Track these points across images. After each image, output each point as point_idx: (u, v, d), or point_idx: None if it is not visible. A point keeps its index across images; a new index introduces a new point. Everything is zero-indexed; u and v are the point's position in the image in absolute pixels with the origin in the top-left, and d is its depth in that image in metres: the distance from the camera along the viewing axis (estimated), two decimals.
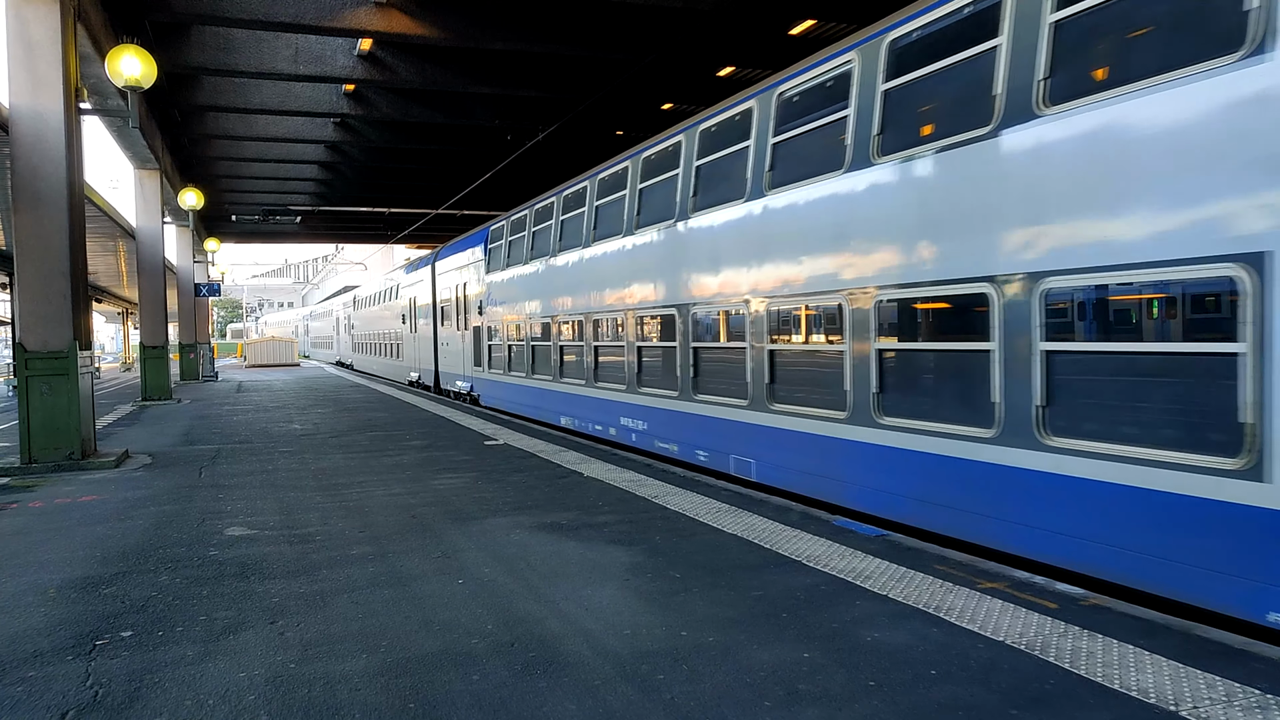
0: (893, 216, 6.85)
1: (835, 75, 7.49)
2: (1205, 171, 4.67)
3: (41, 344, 10.16)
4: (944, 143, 6.37)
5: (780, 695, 3.62)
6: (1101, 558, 5.19)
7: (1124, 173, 5.07)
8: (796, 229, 8.14)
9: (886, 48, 6.93)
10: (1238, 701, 3.46)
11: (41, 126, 10.17)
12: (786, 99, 8.24)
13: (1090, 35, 5.40)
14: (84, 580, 5.55)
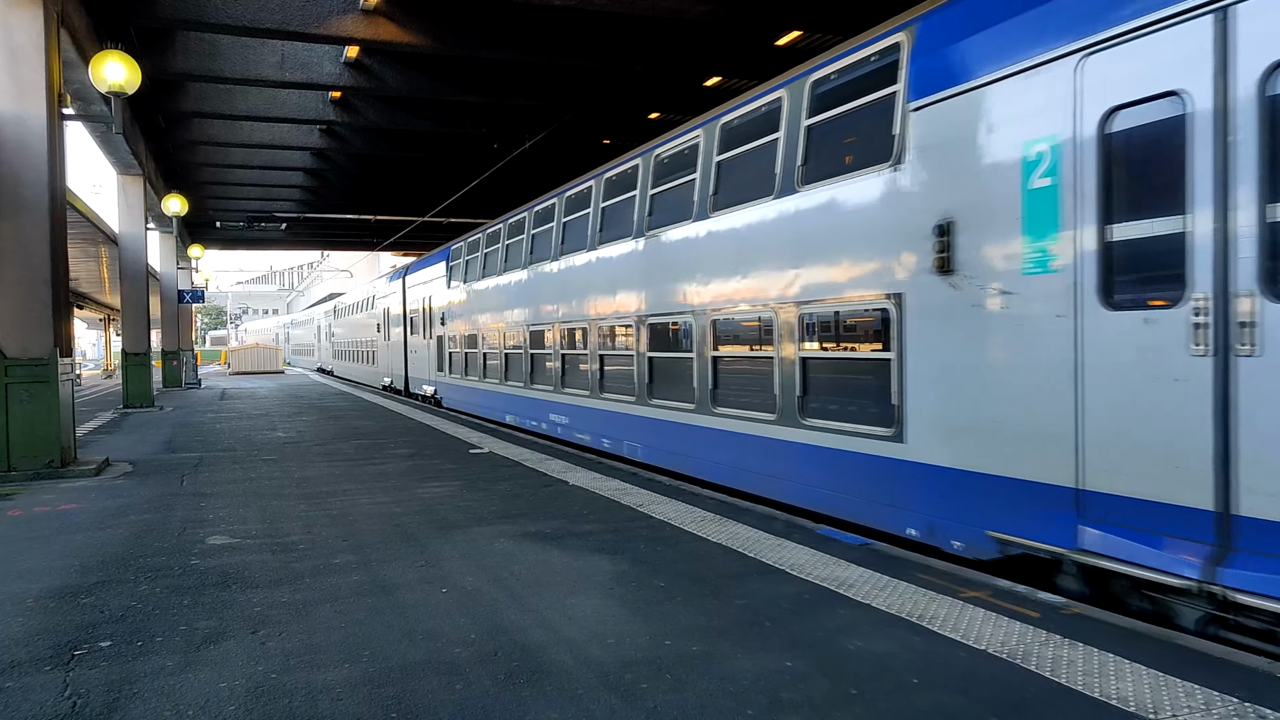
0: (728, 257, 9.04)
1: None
2: (873, 236, 6.93)
3: (22, 351, 10.08)
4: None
5: (763, 704, 3.62)
6: (828, 499, 7.47)
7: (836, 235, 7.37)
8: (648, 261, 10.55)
9: (720, 127, 9.22)
10: (1216, 710, 3.49)
11: (24, 132, 10.11)
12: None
13: (823, 138, 7.65)
14: (62, 590, 5.50)
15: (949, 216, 6.17)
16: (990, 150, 5.90)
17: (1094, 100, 5.16)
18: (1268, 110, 4.37)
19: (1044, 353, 5.41)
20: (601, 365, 12.08)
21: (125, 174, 21.01)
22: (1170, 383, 4.72)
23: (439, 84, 17.68)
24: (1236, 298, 4.44)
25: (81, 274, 33.86)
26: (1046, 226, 5.43)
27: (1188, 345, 4.63)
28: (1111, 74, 5.07)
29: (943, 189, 6.26)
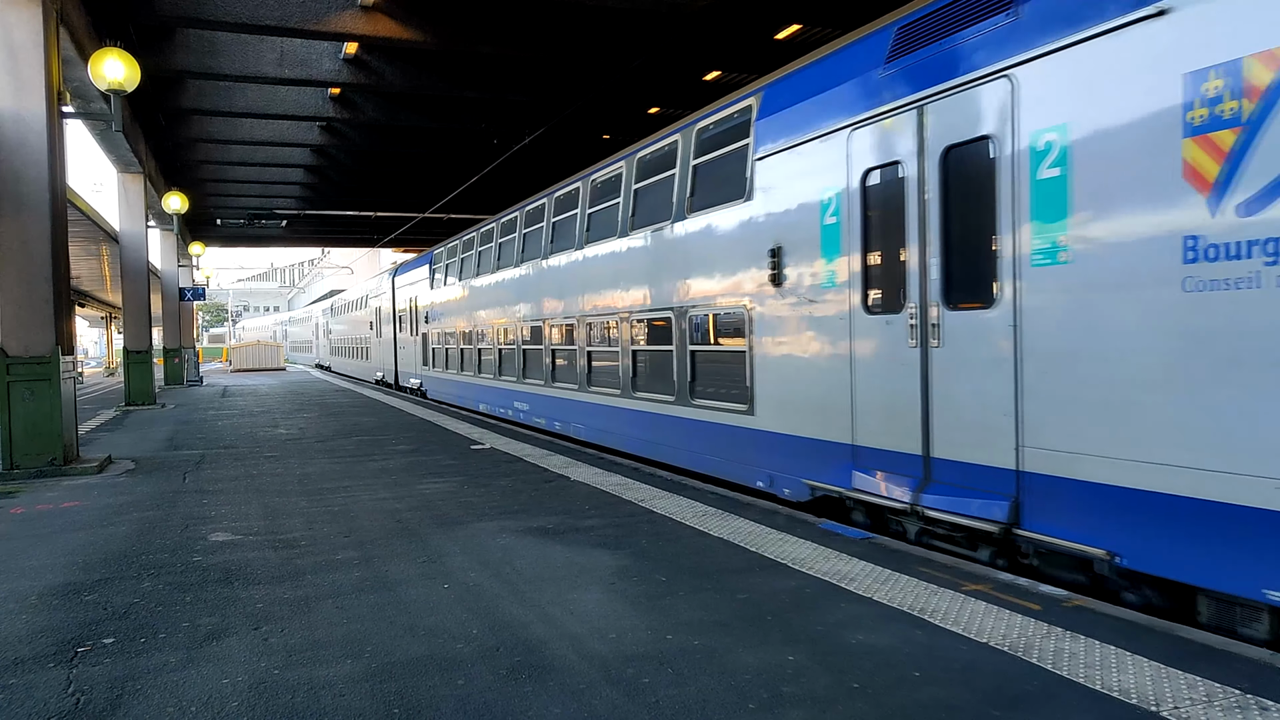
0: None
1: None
2: (735, 256, 8.70)
3: (24, 349, 10.09)
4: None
5: (765, 698, 3.63)
6: (709, 463, 9.33)
7: (712, 253, 9.25)
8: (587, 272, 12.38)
9: (637, 160, 11.04)
10: (1218, 702, 3.49)
11: (24, 130, 10.11)
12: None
13: (704, 176, 9.46)
14: (66, 587, 5.51)
15: (779, 242, 8.03)
16: (802, 194, 7.72)
17: (856, 163, 7.01)
18: (945, 178, 6.17)
19: (833, 346, 7.29)
20: (553, 359, 13.97)
21: (125, 172, 21.00)
22: (900, 366, 6.53)
23: (438, 80, 17.67)
24: (930, 307, 6.25)
25: (83, 272, 33.86)
26: (834, 253, 7.28)
27: (907, 340, 6.46)
28: (865, 145, 6.91)
29: (775, 221, 8.11)
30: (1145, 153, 4.87)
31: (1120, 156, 5.02)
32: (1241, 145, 4.39)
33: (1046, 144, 5.45)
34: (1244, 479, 4.35)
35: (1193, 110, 4.62)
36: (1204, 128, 4.57)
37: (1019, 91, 5.64)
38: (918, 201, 6.39)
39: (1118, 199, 5.01)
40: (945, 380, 6.12)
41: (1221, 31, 4.53)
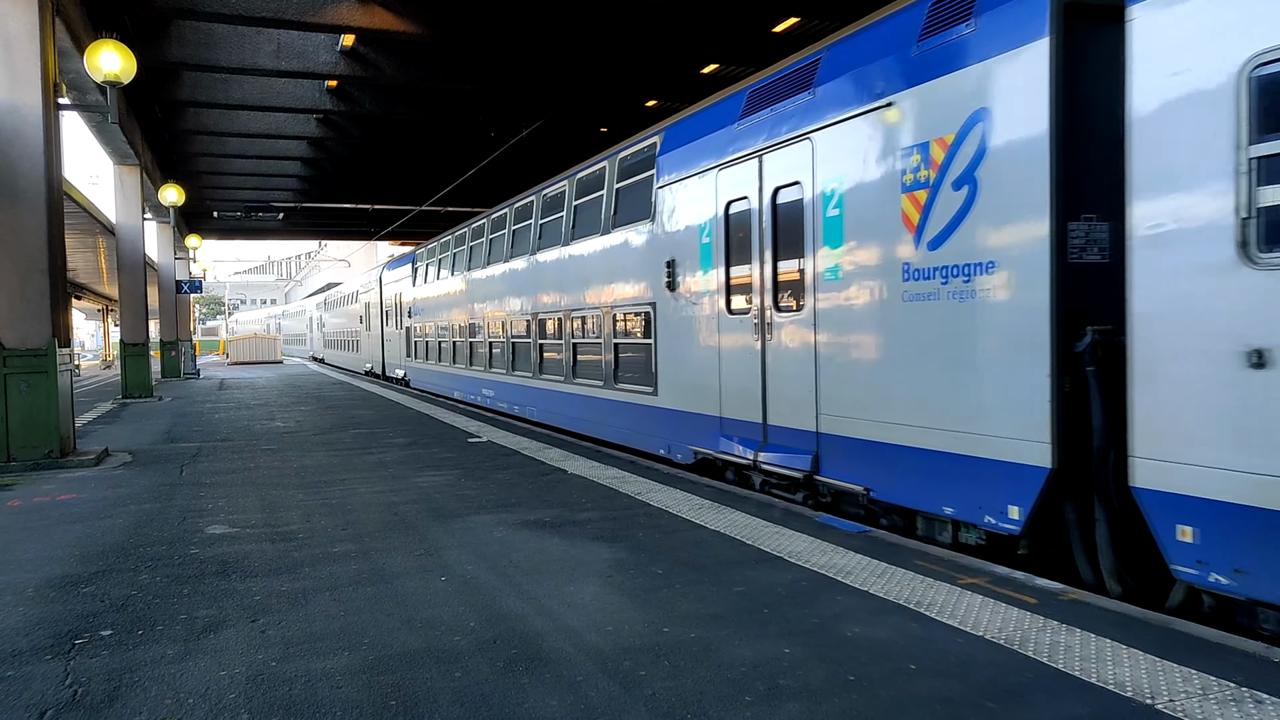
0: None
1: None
2: (644, 265, 10.42)
3: (20, 341, 10.07)
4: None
5: (761, 690, 3.64)
6: (625, 436, 11.20)
7: (628, 262, 10.95)
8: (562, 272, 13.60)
9: (576, 180, 12.88)
10: (1213, 694, 3.51)
11: (19, 122, 10.07)
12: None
13: (623, 197, 11.19)
14: (63, 579, 5.51)
15: (673, 256, 9.85)
16: (688, 218, 9.55)
17: (722, 196, 8.82)
18: (774, 212, 8.01)
19: (708, 340, 9.13)
20: (512, 352, 15.81)
21: (122, 164, 20.95)
22: (748, 355, 8.37)
23: (435, 72, 17.62)
24: (766, 310, 8.11)
25: (79, 264, 33.78)
26: (709, 266, 9.11)
27: (753, 335, 8.30)
28: (728, 182, 8.74)
29: (670, 239, 9.91)
30: (882, 201, 6.67)
31: (870, 203, 6.82)
32: (929, 202, 6.21)
33: (832, 190, 7.22)
34: (935, 431, 6.20)
35: (905, 175, 6.42)
36: (910, 188, 6.39)
37: (815, 151, 7.44)
38: (758, 229, 8.27)
39: (868, 234, 6.83)
40: (775, 365, 8.05)
41: (917, 120, 6.39)
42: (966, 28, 6.05)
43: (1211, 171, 4.48)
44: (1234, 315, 4.36)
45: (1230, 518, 4.38)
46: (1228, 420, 4.40)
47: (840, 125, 7.15)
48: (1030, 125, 5.52)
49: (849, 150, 7.04)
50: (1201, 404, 4.51)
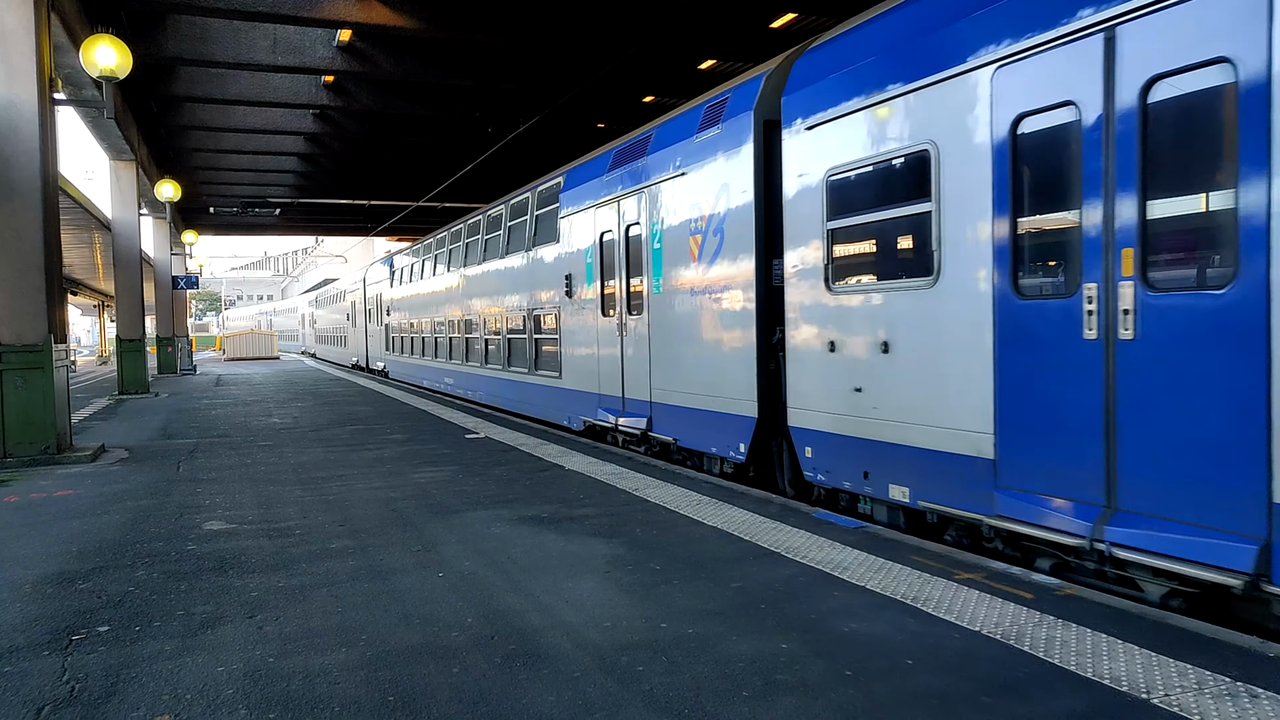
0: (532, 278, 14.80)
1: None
2: (555, 276, 13.03)
3: (16, 337, 10.06)
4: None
5: (758, 685, 3.65)
6: (543, 411, 13.79)
7: (543, 274, 13.71)
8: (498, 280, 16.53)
9: (510, 205, 15.66)
10: (1208, 689, 3.52)
11: (15, 117, 10.05)
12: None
13: (541, 222, 13.83)
14: (60, 575, 5.51)
15: (570, 271, 12.47)
16: (579, 243, 12.14)
17: (597, 228, 11.48)
18: (627, 244, 10.57)
19: (590, 334, 11.84)
20: (467, 345, 18.53)
21: (118, 159, 20.89)
22: (613, 343, 11.06)
23: (432, 68, 17.59)
24: (623, 312, 10.74)
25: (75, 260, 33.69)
26: (591, 280, 11.73)
27: (616, 333, 10.90)
28: (600, 217, 11.39)
29: (569, 258, 12.54)
30: (681, 239, 9.41)
31: (674, 240, 9.57)
32: (702, 243, 8.98)
33: (655, 230, 9.99)
34: (706, 398, 9.02)
35: (691, 222, 9.18)
36: (694, 232, 9.14)
37: (647, 201, 10.17)
38: (618, 254, 10.93)
39: (674, 262, 9.59)
40: (628, 355, 10.75)
41: (695, 186, 9.11)
42: (717, 129, 8.78)
43: (815, 235, 7.23)
44: (824, 321, 7.20)
45: (822, 441, 7.30)
46: (820, 383, 7.28)
47: (659, 184, 9.92)
48: (746, 195, 8.28)
49: (664, 203, 9.82)
50: (811, 374, 7.40)
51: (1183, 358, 4.53)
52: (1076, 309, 5.06)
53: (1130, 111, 4.74)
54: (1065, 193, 5.16)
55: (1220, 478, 4.34)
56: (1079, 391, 5.04)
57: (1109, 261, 4.87)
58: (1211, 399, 4.38)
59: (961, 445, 5.87)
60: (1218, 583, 4.31)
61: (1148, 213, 4.69)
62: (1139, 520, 4.72)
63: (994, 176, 5.55)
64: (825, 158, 7.06)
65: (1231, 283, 4.26)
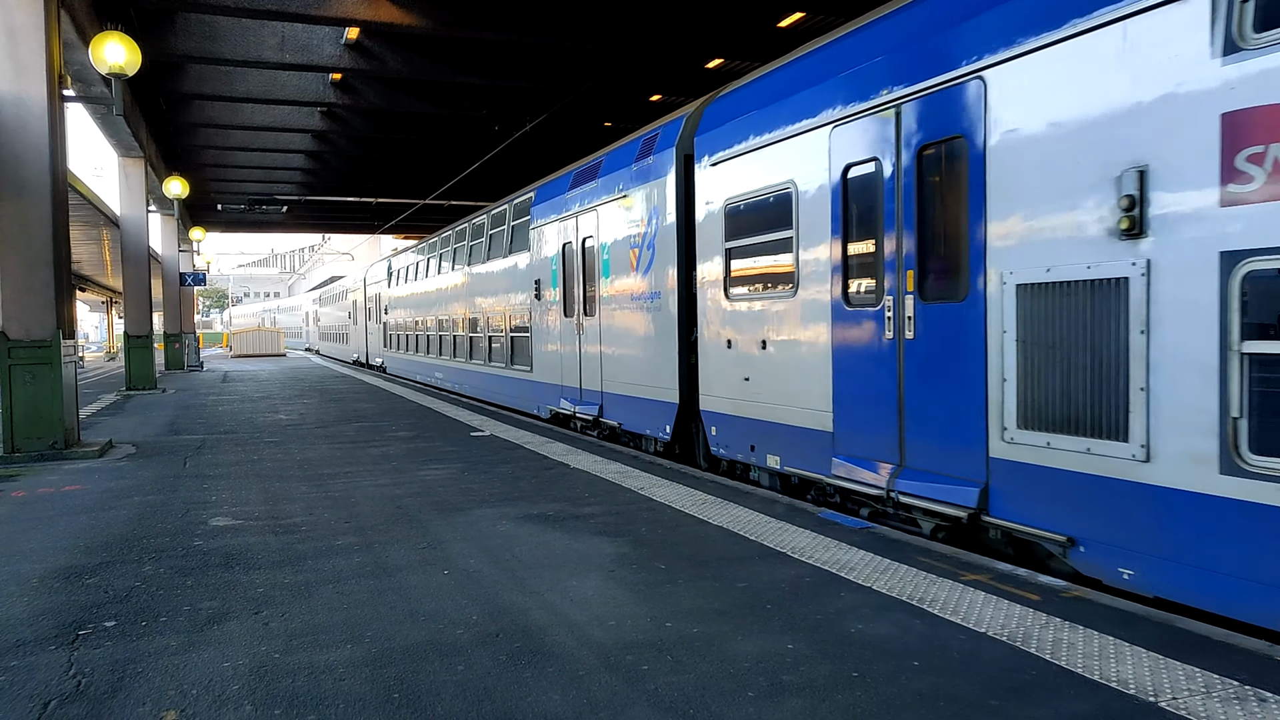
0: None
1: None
2: (527, 281, 14.60)
3: (25, 333, 10.09)
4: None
5: (764, 686, 3.64)
6: (517, 403, 15.55)
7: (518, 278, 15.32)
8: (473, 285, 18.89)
9: (490, 215, 17.36)
10: (1216, 692, 3.50)
11: (24, 113, 10.08)
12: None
13: (514, 232, 15.38)
14: (67, 570, 5.52)
15: (539, 277, 13.99)
16: (548, 252, 13.67)
17: (562, 240, 12.95)
18: (583, 255, 12.13)
19: (554, 331, 13.40)
20: (455, 343, 20.14)
21: (126, 156, 20.95)
22: (573, 341, 12.64)
23: (439, 66, 17.61)
24: (580, 315, 12.35)
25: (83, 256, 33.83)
26: (556, 285, 13.23)
27: (576, 331, 12.33)
28: (563, 230, 12.93)
29: (539, 264, 14.02)
30: (624, 252, 10.86)
31: (618, 252, 11.03)
32: (639, 255, 10.46)
33: (604, 244, 11.48)
34: (644, 387, 10.49)
35: (631, 237, 10.65)
36: (633, 245, 10.57)
37: (598, 221, 11.69)
38: (577, 263, 12.46)
39: (619, 271, 11.05)
40: (584, 351, 12.36)
41: (635, 207, 10.63)
42: (650, 160, 10.30)
43: (717, 253, 8.76)
44: (724, 324, 8.70)
45: (723, 421, 8.86)
46: (721, 374, 8.82)
47: (607, 204, 11.40)
48: (670, 217, 9.80)
49: (611, 220, 11.28)
50: (715, 367, 8.95)
51: (940, 352, 6.01)
52: (880, 316, 6.55)
53: (910, 168, 6.23)
54: (873, 227, 6.64)
55: (960, 439, 5.85)
56: (883, 380, 6.56)
57: (899, 279, 6.36)
58: (954, 382, 5.87)
59: (813, 422, 7.39)
60: (956, 516, 5.81)
61: (920, 244, 6.18)
62: (916, 474, 6.26)
63: (831, 212, 7.04)
64: (724, 190, 8.63)
65: (966, 295, 5.76)
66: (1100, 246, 4.88)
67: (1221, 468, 4.31)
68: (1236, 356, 4.22)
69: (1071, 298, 5.07)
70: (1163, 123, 4.56)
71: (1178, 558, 4.58)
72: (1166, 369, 4.56)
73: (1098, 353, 4.91)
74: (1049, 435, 5.21)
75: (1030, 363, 5.30)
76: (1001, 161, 5.49)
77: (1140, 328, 4.67)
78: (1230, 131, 4.24)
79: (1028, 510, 5.40)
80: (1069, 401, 5.09)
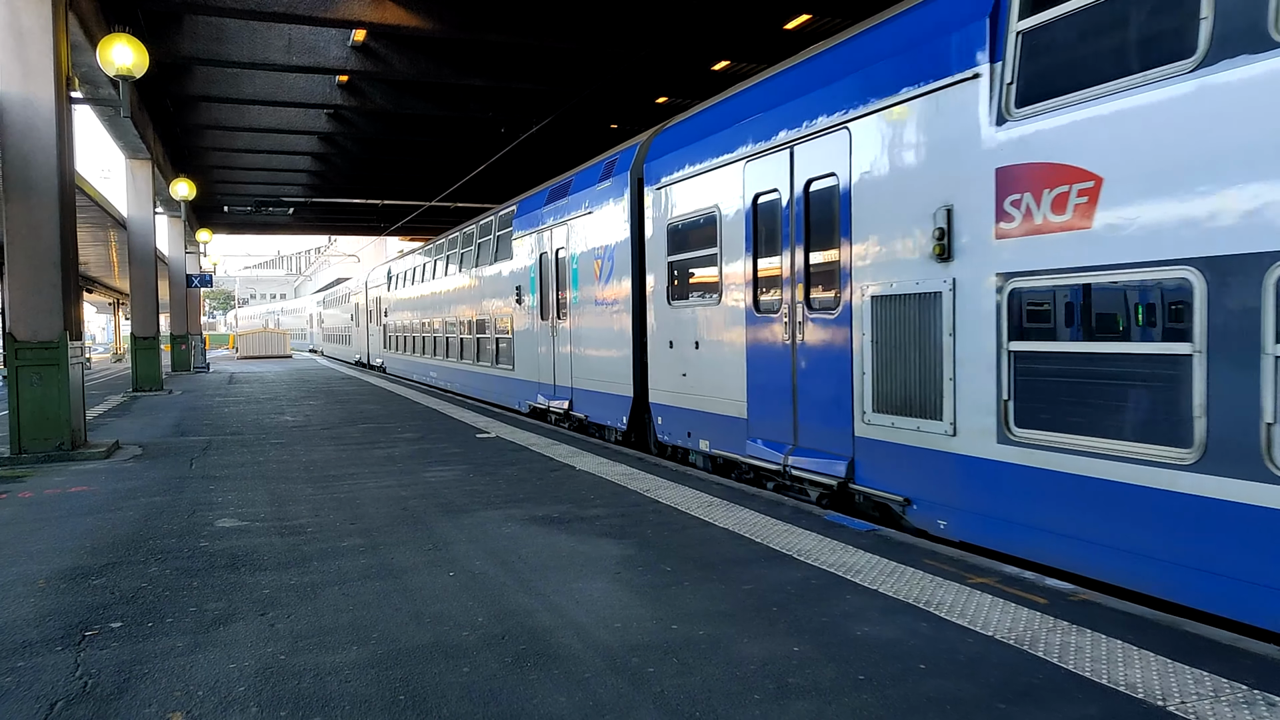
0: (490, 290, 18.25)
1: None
2: (508, 288, 16.32)
3: (32, 334, 10.12)
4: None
5: (770, 688, 3.63)
6: (500, 398, 17.02)
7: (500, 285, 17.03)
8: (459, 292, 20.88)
9: (478, 225, 18.70)
10: (1225, 696, 3.49)
11: (32, 115, 10.11)
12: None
13: (499, 243, 17.03)
14: (73, 571, 5.54)
15: (519, 284, 15.39)
16: (526, 261, 15.06)
17: (537, 251, 14.47)
18: (556, 265, 13.68)
19: (532, 333, 14.75)
20: (447, 344, 21.55)
21: (133, 158, 21.01)
22: (548, 342, 14.03)
23: (446, 68, 17.62)
24: (554, 318, 13.76)
25: (90, 258, 33.91)
26: (535, 291, 14.54)
27: (551, 333, 13.93)
28: (538, 242, 14.46)
29: (520, 272, 15.40)
30: (590, 262, 12.19)
31: (585, 263, 12.34)
32: (602, 266, 11.74)
33: (574, 255, 12.88)
34: (606, 383, 11.70)
35: (595, 249, 11.96)
36: (596, 257, 11.93)
37: (569, 234, 13.13)
38: (552, 271, 13.90)
39: (585, 280, 12.42)
40: (556, 350, 13.73)
41: (598, 223, 11.98)
42: (609, 182, 11.68)
43: (661, 266, 10.09)
44: (666, 327, 10.04)
45: (666, 411, 10.16)
46: (665, 371, 10.12)
47: (576, 219, 12.82)
48: (626, 232, 11.11)
49: (579, 233, 12.76)
50: (660, 365, 10.25)
51: (820, 353, 7.37)
52: (780, 321, 7.91)
53: (800, 199, 7.54)
54: (776, 246, 7.96)
55: (834, 422, 7.21)
56: (782, 375, 7.90)
57: (794, 291, 7.67)
58: (830, 377, 7.23)
59: (734, 410, 8.75)
60: (830, 484, 7.20)
61: (808, 261, 7.49)
62: (805, 452, 7.62)
63: (745, 233, 8.38)
64: (666, 211, 10.00)
65: (839, 304, 7.10)
66: (924, 267, 6.20)
67: (998, 438, 5.63)
68: (1005, 353, 5.55)
69: (907, 307, 6.41)
70: (960, 171, 5.89)
71: (974, 509, 5.92)
72: (966, 364, 5.87)
73: (924, 351, 6.25)
74: (893, 417, 6.59)
75: (881, 359, 6.67)
76: (861, 196, 6.83)
77: (949, 331, 6.01)
78: (1001, 182, 5.56)
79: (879, 478, 6.78)
80: (906, 389, 6.46)
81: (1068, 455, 5.14)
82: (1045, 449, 5.28)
